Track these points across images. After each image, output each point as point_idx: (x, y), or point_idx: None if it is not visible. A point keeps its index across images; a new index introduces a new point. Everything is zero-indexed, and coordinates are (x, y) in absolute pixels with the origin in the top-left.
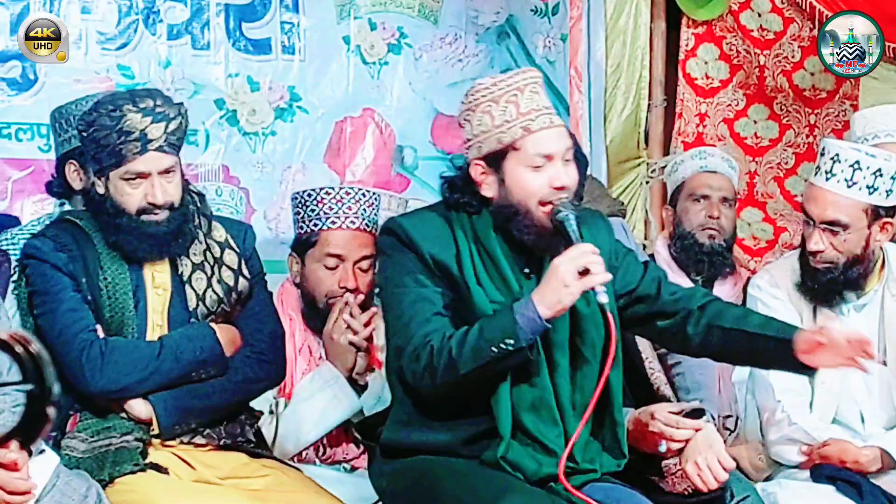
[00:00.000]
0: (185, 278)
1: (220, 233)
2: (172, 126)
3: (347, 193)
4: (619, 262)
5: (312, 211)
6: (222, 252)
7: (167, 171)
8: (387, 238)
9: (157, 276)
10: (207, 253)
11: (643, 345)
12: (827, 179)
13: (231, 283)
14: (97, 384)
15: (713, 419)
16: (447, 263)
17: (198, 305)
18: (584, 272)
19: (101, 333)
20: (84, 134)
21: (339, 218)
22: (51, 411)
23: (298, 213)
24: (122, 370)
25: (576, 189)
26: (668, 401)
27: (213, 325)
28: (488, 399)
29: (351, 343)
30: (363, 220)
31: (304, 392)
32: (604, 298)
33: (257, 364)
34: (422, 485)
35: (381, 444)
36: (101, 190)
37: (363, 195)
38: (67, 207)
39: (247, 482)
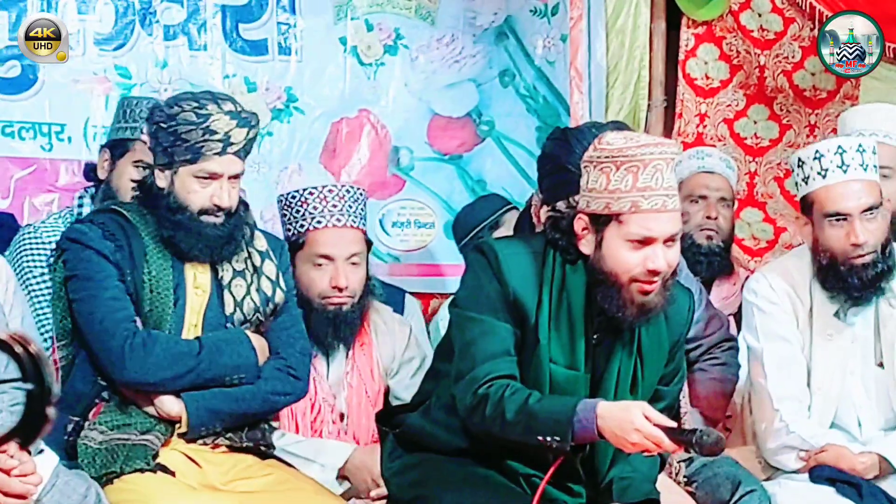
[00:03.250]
0: (224, 283)
1: (261, 243)
2: (252, 133)
3: (331, 191)
4: (673, 361)
5: (297, 212)
6: (262, 262)
7: (236, 177)
8: (478, 258)
9: (198, 277)
10: (248, 261)
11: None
12: (845, 172)
13: (269, 293)
14: (136, 374)
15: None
16: (526, 308)
17: (235, 311)
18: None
19: (140, 326)
20: (163, 125)
21: (324, 217)
22: (50, 411)
23: (284, 216)
24: (163, 364)
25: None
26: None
27: (248, 332)
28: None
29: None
30: (349, 216)
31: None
32: None
33: (286, 377)
34: (421, 489)
35: (402, 429)
36: (161, 183)
37: (347, 192)
38: (87, 201)
39: (248, 482)
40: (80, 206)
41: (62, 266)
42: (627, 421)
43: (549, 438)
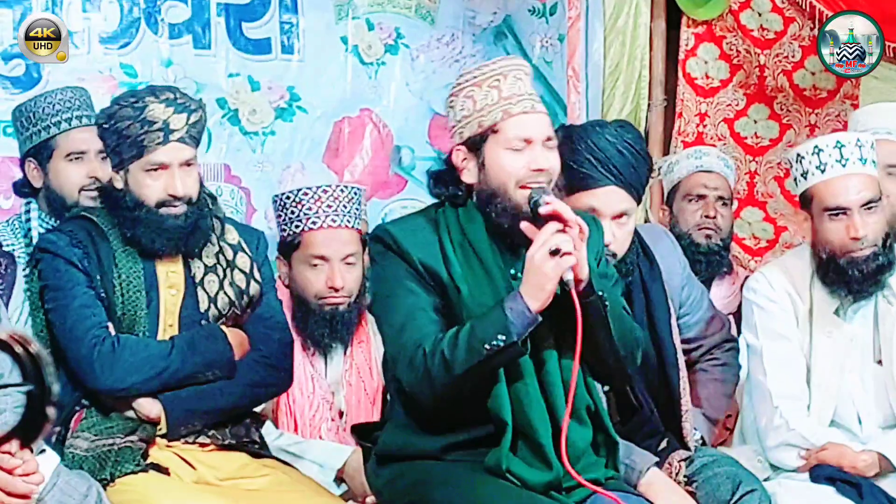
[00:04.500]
0: (197, 280)
1: (233, 235)
2: (194, 118)
3: (325, 192)
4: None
5: (292, 213)
6: (235, 255)
7: (187, 164)
8: (376, 245)
9: (171, 276)
10: (220, 255)
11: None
12: (844, 166)
13: (243, 286)
14: (106, 381)
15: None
16: (436, 268)
17: (209, 307)
18: (556, 252)
19: (112, 331)
20: (105, 126)
21: (318, 218)
22: (50, 411)
23: (280, 216)
24: (133, 368)
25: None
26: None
27: (223, 327)
28: (484, 405)
29: None
30: (344, 216)
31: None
32: (567, 275)
33: (265, 369)
34: (416, 492)
35: (379, 447)
36: (118, 184)
37: (341, 191)
38: (34, 206)
39: (246, 482)
40: (28, 211)
41: (37, 277)
42: (531, 264)
43: (494, 343)
